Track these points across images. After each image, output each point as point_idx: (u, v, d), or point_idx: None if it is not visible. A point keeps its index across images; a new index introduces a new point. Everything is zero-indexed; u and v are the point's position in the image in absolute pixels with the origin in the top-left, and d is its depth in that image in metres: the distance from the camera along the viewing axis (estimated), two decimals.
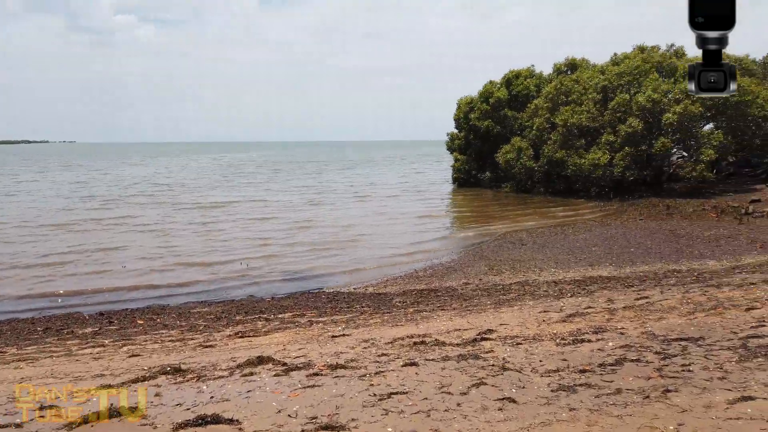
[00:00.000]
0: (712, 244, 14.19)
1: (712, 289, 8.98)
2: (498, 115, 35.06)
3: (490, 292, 10.07)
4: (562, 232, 17.52)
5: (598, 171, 26.68)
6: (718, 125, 27.93)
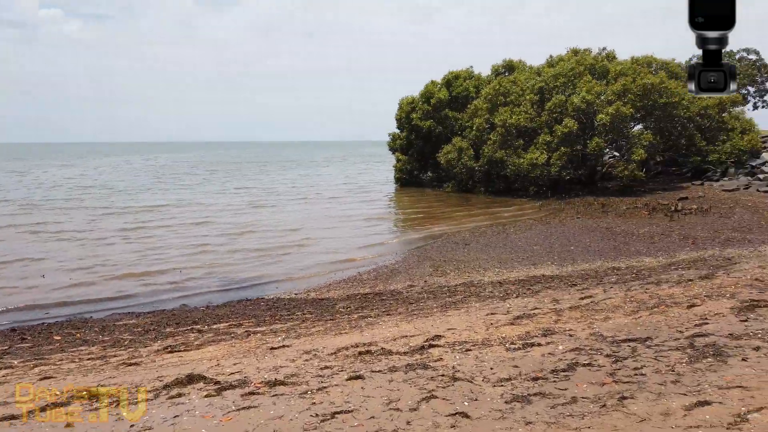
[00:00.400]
0: (647, 242, 14.58)
1: (653, 286, 9.09)
2: (439, 116, 35.25)
3: (436, 294, 9.84)
4: (504, 231, 17.62)
5: (536, 170, 27.22)
6: (647, 126, 29.13)
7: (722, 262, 11.06)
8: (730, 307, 7.18)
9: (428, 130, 34.98)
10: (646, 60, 31.69)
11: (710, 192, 24.98)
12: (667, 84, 27.26)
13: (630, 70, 28.65)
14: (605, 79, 29.66)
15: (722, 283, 8.91)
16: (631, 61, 31.49)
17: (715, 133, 29.10)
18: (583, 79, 28.48)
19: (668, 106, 27.47)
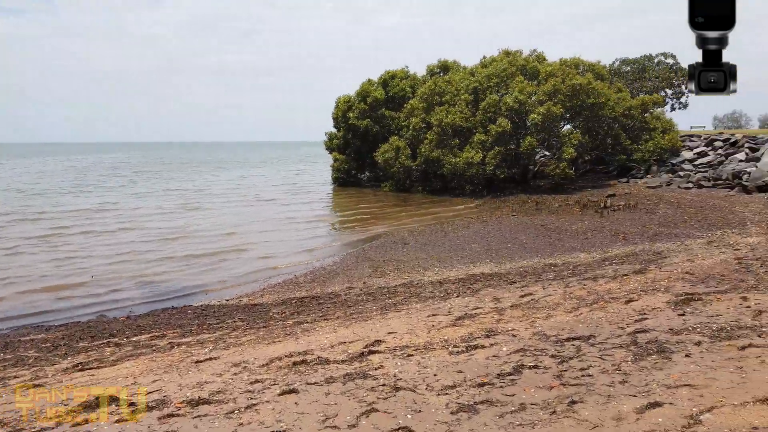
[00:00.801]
0: (580, 237, 14.86)
1: (590, 282, 9.13)
2: (376, 115, 35.04)
3: (376, 296, 9.49)
4: (443, 229, 17.55)
5: (471, 169, 27.49)
6: (576, 126, 30.10)
7: (653, 257, 11.34)
8: (666, 301, 7.25)
9: (365, 129, 34.71)
10: (574, 62, 32.78)
11: (635, 189, 26.05)
12: (594, 85, 28.24)
13: (559, 71, 29.49)
14: (536, 79, 30.41)
15: (655, 277, 9.06)
16: (560, 62, 32.48)
17: (638, 132, 30.45)
18: (516, 80, 29.06)
19: (595, 107, 28.47)
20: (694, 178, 25.29)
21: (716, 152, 27.56)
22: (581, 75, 30.23)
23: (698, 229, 14.89)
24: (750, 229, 13.81)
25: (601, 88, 28.61)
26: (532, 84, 29.27)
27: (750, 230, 13.69)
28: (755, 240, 12.21)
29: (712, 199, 20.96)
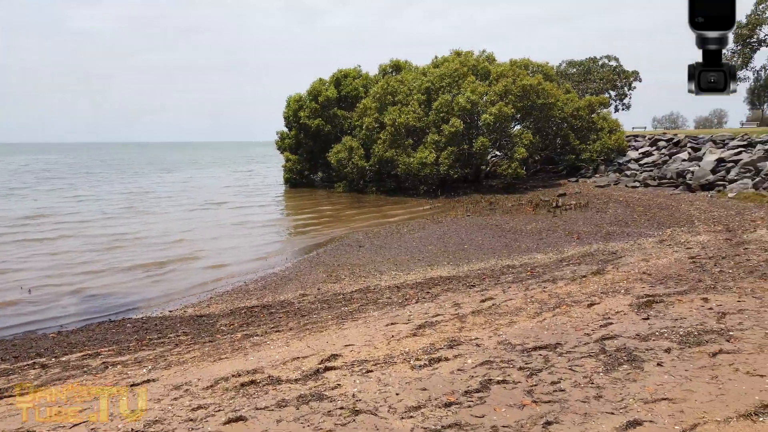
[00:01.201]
0: (535, 238, 14.82)
1: (550, 284, 8.96)
2: (328, 114, 34.47)
3: (331, 303, 9.03)
4: (398, 231, 17.22)
5: (425, 169, 27.34)
6: (527, 126, 30.43)
7: (608, 256, 11.34)
8: (629, 303, 7.12)
9: (317, 128, 34.06)
10: (524, 63, 33.20)
11: (585, 188, 26.52)
12: (543, 85, 28.62)
13: (510, 71, 29.74)
14: (487, 80, 30.58)
15: (614, 279, 8.99)
16: (510, 63, 32.81)
17: (586, 132, 31.08)
18: (467, 80, 29.11)
19: (545, 107, 28.87)
20: (641, 178, 25.95)
21: (660, 152, 28.41)
22: (531, 76, 30.60)
23: (649, 227, 15.12)
24: (698, 228, 14.10)
25: (550, 89, 29.05)
26: (484, 84, 29.41)
27: (698, 228, 13.98)
28: (705, 238, 12.43)
29: (659, 197, 21.50)
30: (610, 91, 61.49)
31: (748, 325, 5.65)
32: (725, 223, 14.38)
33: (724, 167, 22.34)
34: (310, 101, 34.73)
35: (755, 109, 73.35)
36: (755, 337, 5.25)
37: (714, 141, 25.99)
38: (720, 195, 20.04)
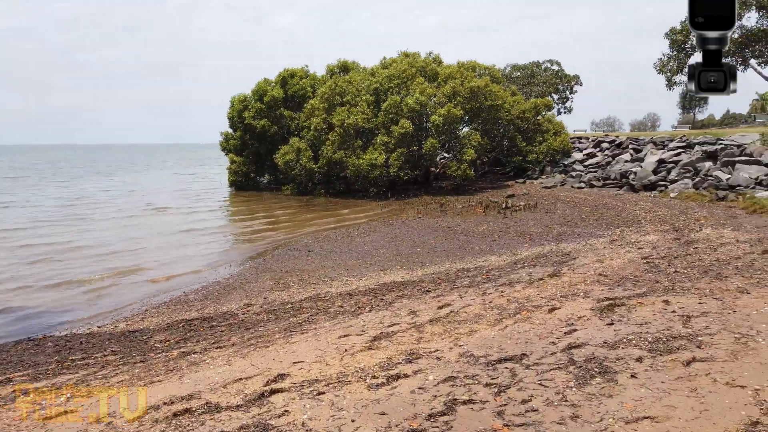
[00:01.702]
0: (488, 239, 14.64)
1: (507, 288, 8.67)
2: (274, 115, 33.56)
3: (279, 314, 8.42)
4: (348, 234, 16.70)
5: (375, 171, 26.93)
6: (475, 127, 30.55)
7: (562, 258, 11.21)
8: (590, 308, 6.87)
9: (263, 129, 33.07)
10: (471, 65, 33.36)
11: (532, 189, 26.79)
12: (491, 87, 28.77)
13: (458, 73, 29.76)
14: (435, 81, 30.50)
15: (571, 281, 8.79)
16: (458, 65, 32.88)
17: (532, 134, 31.50)
18: (416, 81, 28.92)
19: (493, 109, 29.04)
20: (586, 178, 26.45)
21: (604, 153, 29.10)
22: (478, 78, 30.75)
23: (598, 228, 15.22)
24: (646, 227, 14.27)
25: (497, 91, 29.25)
26: (432, 86, 29.29)
27: (646, 228, 14.14)
28: (654, 238, 12.53)
29: (604, 198, 21.89)
30: (553, 95, 63.03)
31: (715, 329, 5.47)
32: (671, 222, 14.63)
33: (665, 168, 23.01)
34: (255, 101, 33.72)
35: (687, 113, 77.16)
36: (725, 342, 5.05)
37: (654, 142, 26.81)
38: (662, 195, 20.57)
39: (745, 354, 4.71)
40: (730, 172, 19.88)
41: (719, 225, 13.32)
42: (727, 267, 8.72)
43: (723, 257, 9.57)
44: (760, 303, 6.33)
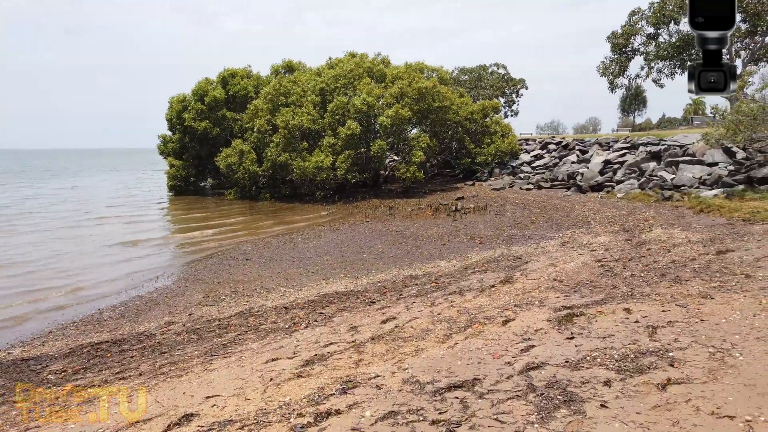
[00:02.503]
0: (438, 243, 14.01)
1: (457, 297, 7.99)
2: (216, 116, 32.11)
3: (202, 333, 7.43)
4: (291, 240, 15.74)
5: (322, 174, 26.00)
6: (424, 129, 30.10)
7: (514, 262, 10.67)
8: (547, 318, 6.26)
9: (204, 131, 31.54)
10: (419, 66, 32.94)
11: (482, 191, 26.49)
12: (439, 88, 28.37)
13: (405, 74, 29.25)
14: (383, 82, 29.88)
15: (525, 287, 8.20)
16: (406, 66, 32.40)
17: (481, 136, 31.33)
18: (363, 82, 28.19)
19: (441, 110, 28.64)
20: (534, 180, 26.37)
21: (551, 155, 29.19)
22: (426, 79, 30.33)
23: (548, 229, 14.86)
24: (596, 228, 13.99)
25: (445, 92, 28.88)
26: (380, 86, 28.64)
27: (596, 229, 13.85)
28: (605, 239, 12.20)
29: (553, 199, 21.74)
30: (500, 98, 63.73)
31: (685, 342, 4.92)
32: (620, 223, 14.42)
33: (611, 169, 23.13)
34: (195, 102, 32.15)
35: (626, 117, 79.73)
36: (700, 358, 4.49)
37: (600, 144, 27.05)
38: (609, 195, 20.57)
39: (724, 373, 4.14)
40: (674, 172, 20.08)
41: (668, 225, 13.15)
42: (684, 269, 8.34)
43: (678, 259, 9.23)
44: (726, 310, 5.87)
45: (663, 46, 33.97)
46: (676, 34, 33.81)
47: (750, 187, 16.43)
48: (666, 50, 33.84)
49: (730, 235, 10.95)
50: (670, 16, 33.12)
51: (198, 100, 32.14)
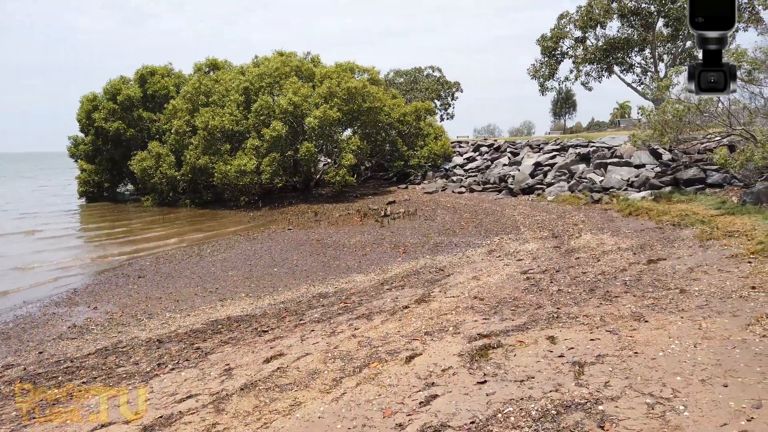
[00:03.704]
0: (359, 254, 12.89)
1: (363, 322, 6.86)
2: (131, 117, 29.76)
3: (39, 381, 5.92)
4: (199, 253, 14.20)
5: (245, 178, 24.32)
6: (355, 131, 28.99)
7: (436, 275, 9.67)
8: (459, 353, 5.21)
9: (116, 132, 29.13)
10: (349, 66, 31.77)
11: (414, 195, 25.63)
12: (369, 89, 27.32)
13: (334, 73, 28.06)
14: (312, 82, 28.57)
15: (441, 308, 7.17)
16: (336, 66, 31.20)
17: (414, 138, 30.54)
18: (290, 81, 26.76)
19: (372, 111, 27.59)
20: (466, 183, 25.76)
21: (483, 157, 28.73)
22: (357, 79, 29.24)
23: (476, 236, 14.03)
24: (525, 234, 13.26)
25: (376, 93, 27.86)
26: (308, 86, 27.28)
27: (525, 235, 13.12)
28: (534, 247, 11.44)
29: (484, 202, 21.11)
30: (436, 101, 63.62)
31: (618, 387, 3.97)
32: (550, 228, 13.77)
33: (542, 171, 22.79)
34: (107, 101, 29.67)
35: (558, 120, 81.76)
36: (636, 415, 3.53)
37: (531, 146, 26.79)
38: (540, 198, 20.13)
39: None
40: (602, 174, 19.86)
41: (598, 230, 12.57)
42: (615, 282, 7.57)
43: (608, 269, 8.49)
44: (663, 337, 5.02)
45: (590, 49, 34.36)
46: (602, 38, 34.27)
47: (677, 189, 16.27)
48: (593, 54, 34.22)
49: (660, 240, 10.40)
50: (596, 20, 33.51)
51: (110, 99, 29.68)
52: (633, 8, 32.57)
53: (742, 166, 12.43)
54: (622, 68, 35.02)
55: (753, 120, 14.45)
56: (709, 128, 16.56)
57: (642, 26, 32.93)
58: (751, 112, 14.60)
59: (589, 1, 33.71)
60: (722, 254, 8.54)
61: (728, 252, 8.62)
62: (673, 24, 31.64)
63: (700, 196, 14.83)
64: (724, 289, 6.59)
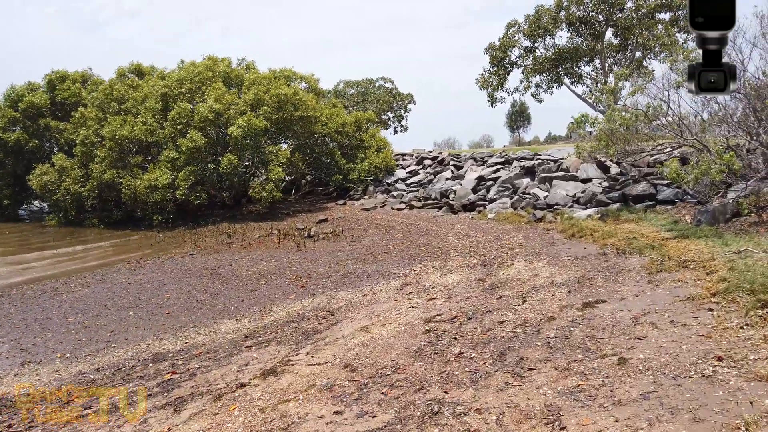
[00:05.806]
0: (248, 288, 10.58)
1: (166, 415, 4.58)
2: (35, 126, 26.64)
3: None
4: (55, 289, 11.58)
5: (156, 194, 21.63)
6: (287, 142, 26.70)
7: (320, 322, 7.46)
8: None
9: (16, 143, 25.97)
10: (285, 73, 29.48)
11: (350, 212, 23.44)
12: (301, 96, 25.08)
13: (264, 80, 25.75)
14: (241, 89, 26.18)
15: (290, 387, 4.93)
16: (270, 72, 28.89)
17: (354, 151, 28.47)
18: (213, 87, 24.28)
19: (305, 121, 25.35)
20: (407, 198, 23.76)
21: (426, 170, 26.84)
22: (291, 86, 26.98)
23: (398, 262, 11.91)
24: (452, 261, 11.20)
25: (309, 101, 25.63)
26: (233, 92, 24.87)
27: (452, 262, 11.06)
28: (454, 279, 9.37)
29: (421, 221, 19.09)
30: (389, 113, 61.93)
31: None
32: (482, 252, 11.76)
33: (485, 186, 20.96)
34: (8, 108, 26.50)
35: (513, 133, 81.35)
36: None
37: (474, 158, 25.05)
38: (480, 216, 18.22)
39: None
40: (547, 189, 18.14)
41: (534, 256, 10.61)
42: (536, 341, 5.50)
43: (532, 317, 6.43)
44: None
45: (539, 59, 33.14)
46: (552, 48, 33.09)
47: (625, 206, 14.59)
48: (543, 63, 33.00)
49: (602, 272, 8.46)
50: (545, 29, 32.32)
51: (11, 106, 26.53)
52: (581, 17, 31.51)
53: (696, 181, 10.71)
54: (572, 79, 33.89)
55: (706, 129, 12.88)
56: (658, 139, 14.99)
57: (590, 35, 31.90)
58: (704, 121, 13.04)
59: (537, 10, 32.53)
60: (675, 295, 6.61)
61: (683, 291, 6.70)
62: (621, 33, 30.69)
63: (650, 215, 13.14)
64: (679, 360, 4.59)
